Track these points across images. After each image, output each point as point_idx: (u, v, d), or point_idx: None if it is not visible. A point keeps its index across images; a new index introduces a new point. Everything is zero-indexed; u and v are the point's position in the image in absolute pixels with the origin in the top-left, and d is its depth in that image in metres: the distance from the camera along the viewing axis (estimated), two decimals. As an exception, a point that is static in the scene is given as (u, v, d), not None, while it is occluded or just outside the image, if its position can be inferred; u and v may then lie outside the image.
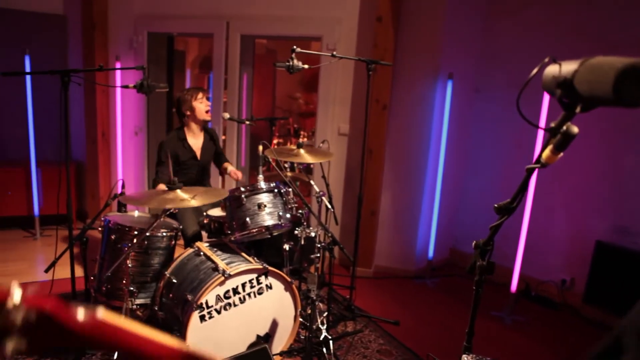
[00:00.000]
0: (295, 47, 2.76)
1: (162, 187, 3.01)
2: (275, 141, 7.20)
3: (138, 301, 2.59)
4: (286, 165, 3.28)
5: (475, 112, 4.32)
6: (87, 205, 4.95)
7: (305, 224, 2.96)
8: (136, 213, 2.94)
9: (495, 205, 1.03)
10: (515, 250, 3.55)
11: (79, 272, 3.15)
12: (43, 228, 4.57)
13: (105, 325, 0.55)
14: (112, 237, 2.60)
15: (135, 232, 2.56)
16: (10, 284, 0.50)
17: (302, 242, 2.89)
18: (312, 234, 2.93)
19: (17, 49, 4.34)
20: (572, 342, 3.32)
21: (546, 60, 0.78)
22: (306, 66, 2.80)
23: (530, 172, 0.94)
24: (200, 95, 3.34)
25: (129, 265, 2.45)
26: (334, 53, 2.94)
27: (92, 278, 2.73)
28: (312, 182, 3.15)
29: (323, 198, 3.06)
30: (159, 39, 4.87)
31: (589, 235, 3.61)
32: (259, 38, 5.32)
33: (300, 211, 2.89)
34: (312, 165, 4.62)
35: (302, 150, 3.01)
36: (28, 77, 4.39)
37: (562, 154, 0.86)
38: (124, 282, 2.50)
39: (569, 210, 3.78)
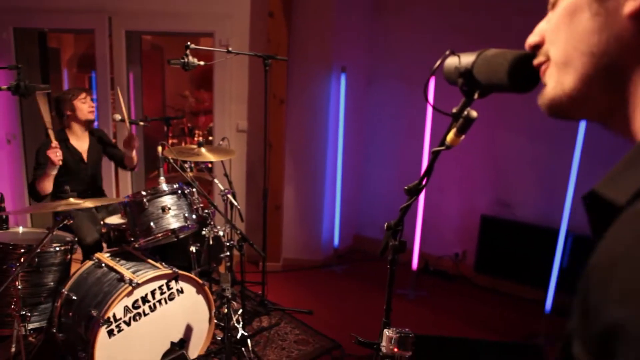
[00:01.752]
0: (189, 43, 2.67)
1: (49, 152, 2.70)
2: (170, 142, 6.90)
3: (31, 326, 2.35)
4: (186, 166, 3.17)
5: (370, 103, 4.53)
6: (-47, 226, 4.34)
7: (212, 223, 2.90)
8: (20, 229, 2.66)
9: (405, 187, 1.11)
10: (413, 230, 3.81)
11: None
12: None
13: None
14: (-6, 257, 2.32)
15: (22, 250, 2.31)
16: None
17: (210, 242, 2.83)
18: (220, 233, 2.88)
19: None
20: (468, 307, 3.65)
21: (447, 52, 0.86)
22: (201, 63, 2.73)
23: (435, 154, 1.03)
24: (83, 95, 3.09)
25: (18, 287, 2.21)
26: (230, 49, 2.89)
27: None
28: (215, 180, 3.09)
29: (229, 195, 3.02)
30: (28, 35, 4.40)
31: (475, 210, 3.98)
32: (146, 34, 5.05)
33: (206, 211, 2.82)
34: (210, 164, 4.51)
35: (203, 149, 2.94)
36: None
37: (463, 136, 0.95)
38: (13, 307, 2.25)
39: (458, 188, 4.14)
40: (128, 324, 2.25)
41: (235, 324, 2.86)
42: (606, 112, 0.52)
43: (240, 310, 3.00)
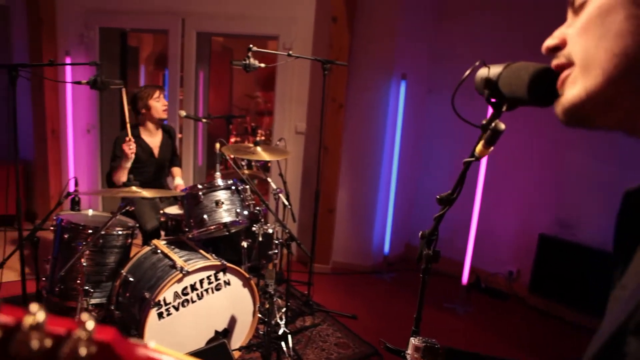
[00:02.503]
0: (251, 45, 2.79)
1: (124, 146, 3.03)
2: (232, 140, 7.16)
3: (93, 301, 2.55)
4: (243, 163, 3.29)
5: (429, 111, 4.47)
6: (36, 206, 4.77)
7: (262, 220, 2.99)
8: (90, 212, 2.89)
9: (437, 197, 1.11)
10: (465, 243, 3.72)
11: (30, 274, 3.06)
12: (-12, 230, 4.37)
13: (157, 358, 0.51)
14: (65, 236, 2.54)
15: (90, 231, 2.52)
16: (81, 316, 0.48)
17: (260, 239, 2.92)
18: (270, 231, 2.96)
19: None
20: (519, 329, 3.51)
21: (477, 63, 0.86)
22: (262, 65, 2.83)
23: (467, 165, 1.03)
24: (157, 93, 3.29)
25: (84, 264, 2.41)
26: (290, 52, 2.98)
27: (43, 279, 2.65)
28: (269, 179, 3.19)
29: (280, 195, 3.11)
30: (111, 34, 4.76)
31: (533, 228, 3.82)
32: (215, 36, 5.29)
33: (257, 208, 2.92)
34: (269, 164, 4.65)
35: (258, 148, 3.04)
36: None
37: (492, 148, 0.95)
38: (79, 281, 2.45)
39: (515, 205, 3.99)
40: (177, 308, 2.38)
41: (278, 321, 2.93)
42: (631, 116, 0.51)
43: (284, 309, 3.07)
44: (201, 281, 2.46)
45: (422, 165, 4.59)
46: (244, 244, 2.87)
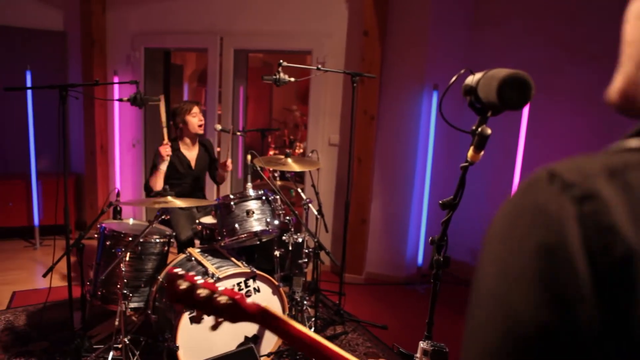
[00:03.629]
0: (281, 61, 2.90)
1: (160, 148, 3.22)
2: (271, 152, 7.34)
3: (132, 305, 2.69)
4: (276, 175, 3.40)
5: (462, 121, 4.43)
6: (85, 215, 5.07)
7: (292, 230, 3.07)
8: (131, 221, 3.06)
9: (440, 202, 1.15)
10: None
11: (76, 280, 3.27)
12: (43, 238, 4.69)
13: (267, 312, 1.02)
14: (108, 243, 2.72)
15: (130, 239, 2.67)
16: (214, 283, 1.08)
17: (290, 248, 3.00)
18: (300, 240, 3.04)
19: (19, 65, 4.50)
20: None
21: (462, 71, 0.91)
22: (292, 79, 2.94)
23: (464, 169, 1.06)
24: (194, 109, 3.44)
25: (123, 269, 2.57)
26: (319, 66, 3.08)
27: (87, 283, 2.84)
28: (299, 190, 3.27)
29: (310, 205, 3.18)
30: (155, 54, 5.03)
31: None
32: (251, 52, 5.48)
33: (287, 218, 3.00)
34: (299, 175, 4.73)
35: (289, 160, 3.13)
36: (29, 92, 4.55)
37: (482, 152, 0.98)
38: (119, 285, 2.60)
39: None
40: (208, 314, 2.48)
41: (308, 329, 2.98)
42: None
43: (314, 318, 3.12)
44: (232, 288, 2.55)
45: (455, 176, 4.53)
46: (277, 253, 2.95)
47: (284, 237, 2.99)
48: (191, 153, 3.54)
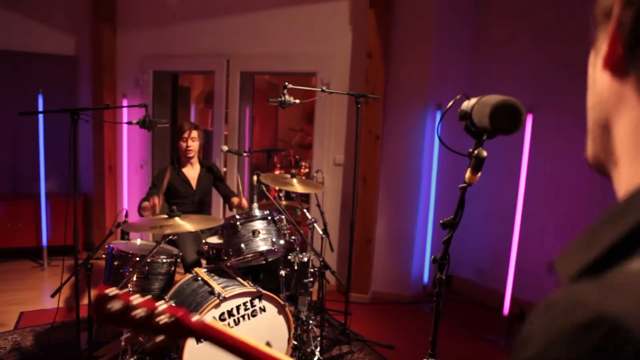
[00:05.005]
0: (287, 83, 2.97)
1: (145, 204, 3.17)
2: (277, 172, 7.39)
3: (139, 325, 2.71)
4: (281, 194, 3.43)
5: (464, 141, 4.47)
6: (93, 236, 5.12)
7: (298, 249, 3.09)
8: (138, 241, 3.10)
9: (441, 222, 1.18)
10: (506, 274, 3.65)
11: (84, 300, 3.29)
12: (51, 258, 4.74)
13: (211, 327, 1.03)
14: (115, 263, 2.75)
15: (137, 259, 2.71)
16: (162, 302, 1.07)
17: (296, 268, 3.02)
18: (305, 259, 3.06)
19: (32, 89, 4.61)
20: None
21: (458, 97, 0.95)
22: (297, 101, 3.00)
23: (462, 190, 1.10)
24: (185, 134, 3.43)
25: (130, 289, 2.59)
26: (324, 88, 3.14)
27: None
28: (304, 210, 3.30)
29: (315, 225, 3.21)
30: (163, 76, 5.14)
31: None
32: (257, 74, 5.58)
33: (293, 237, 3.03)
34: (309, 195, 4.76)
35: (295, 180, 3.17)
36: (41, 116, 4.65)
37: (479, 174, 1.02)
38: (126, 306, 2.63)
39: (559, 234, 3.88)
40: (214, 333, 2.49)
41: (313, 349, 2.99)
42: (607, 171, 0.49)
43: (319, 337, 3.12)
44: (238, 307, 2.57)
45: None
46: (282, 272, 2.97)
47: (289, 257, 3.02)
48: (191, 172, 3.59)
